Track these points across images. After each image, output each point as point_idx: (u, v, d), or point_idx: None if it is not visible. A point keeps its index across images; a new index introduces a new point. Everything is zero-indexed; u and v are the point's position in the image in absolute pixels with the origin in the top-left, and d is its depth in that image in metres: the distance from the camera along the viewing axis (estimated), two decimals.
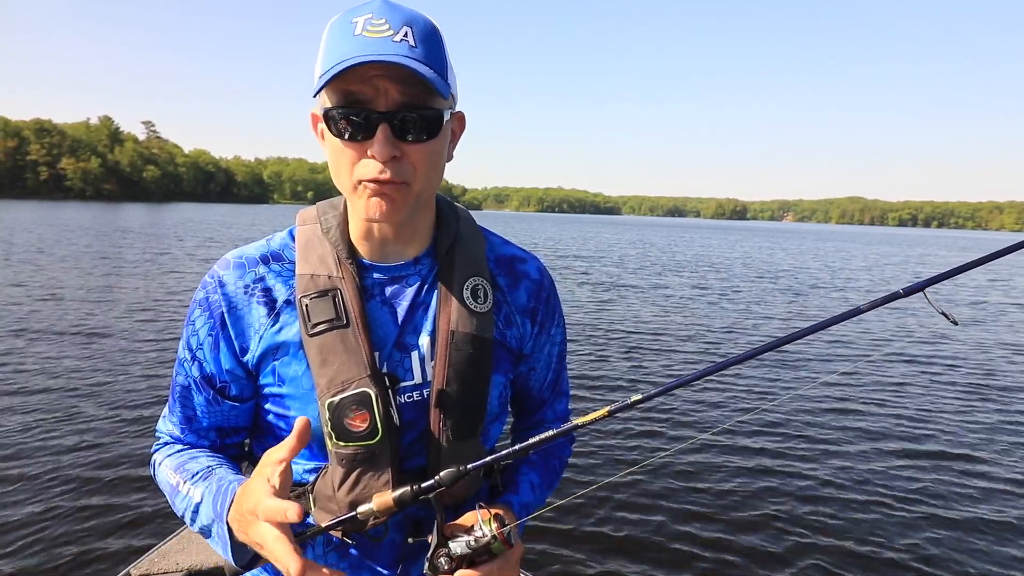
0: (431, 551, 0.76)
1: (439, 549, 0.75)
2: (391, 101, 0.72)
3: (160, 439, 0.93)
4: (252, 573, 0.92)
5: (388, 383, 0.81)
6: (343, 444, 0.79)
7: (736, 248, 36.13)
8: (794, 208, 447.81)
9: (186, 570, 2.35)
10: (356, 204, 0.78)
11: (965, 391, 6.45)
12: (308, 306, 0.81)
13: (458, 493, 0.86)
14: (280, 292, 0.84)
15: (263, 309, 0.83)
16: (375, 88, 0.72)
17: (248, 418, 0.90)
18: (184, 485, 0.81)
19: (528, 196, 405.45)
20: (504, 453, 0.79)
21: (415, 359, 0.85)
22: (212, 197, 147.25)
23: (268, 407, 0.86)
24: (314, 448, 0.84)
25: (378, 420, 0.78)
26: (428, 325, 0.86)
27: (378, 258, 0.86)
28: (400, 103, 0.73)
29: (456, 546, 0.75)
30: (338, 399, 0.78)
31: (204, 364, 0.85)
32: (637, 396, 0.81)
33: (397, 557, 0.87)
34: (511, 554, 0.77)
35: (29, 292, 9.98)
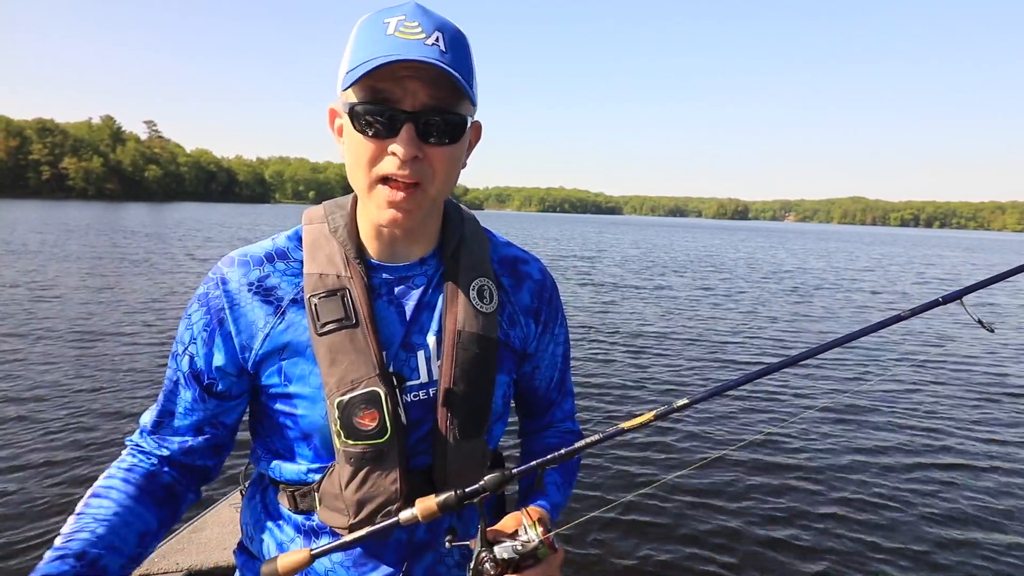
0: (475, 556, 0.74)
1: (484, 555, 0.74)
2: (418, 102, 0.73)
3: (131, 438, 0.90)
4: (256, 568, 0.92)
5: (396, 382, 0.81)
6: (352, 443, 0.79)
7: (741, 248, 36.00)
8: (796, 208, 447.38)
9: (186, 570, 2.36)
10: (369, 207, 0.78)
11: (1000, 402, 6.22)
12: (317, 305, 0.81)
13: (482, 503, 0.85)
14: (286, 291, 0.84)
15: (267, 307, 0.83)
16: (403, 88, 0.72)
17: (232, 415, 0.90)
18: (71, 518, 0.80)
19: (530, 196, 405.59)
20: (551, 457, 0.79)
21: (421, 359, 0.85)
22: (214, 197, 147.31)
23: (276, 407, 0.85)
24: (318, 448, 0.84)
25: (387, 419, 0.79)
26: (434, 325, 0.86)
27: (386, 258, 0.87)
28: (427, 105, 0.73)
29: (502, 551, 0.74)
30: (347, 398, 0.78)
31: (195, 359, 0.84)
32: (683, 401, 0.80)
33: (401, 556, 0.87)
34: (555, 559, 0.77)
35: (30, 292, 9.92)
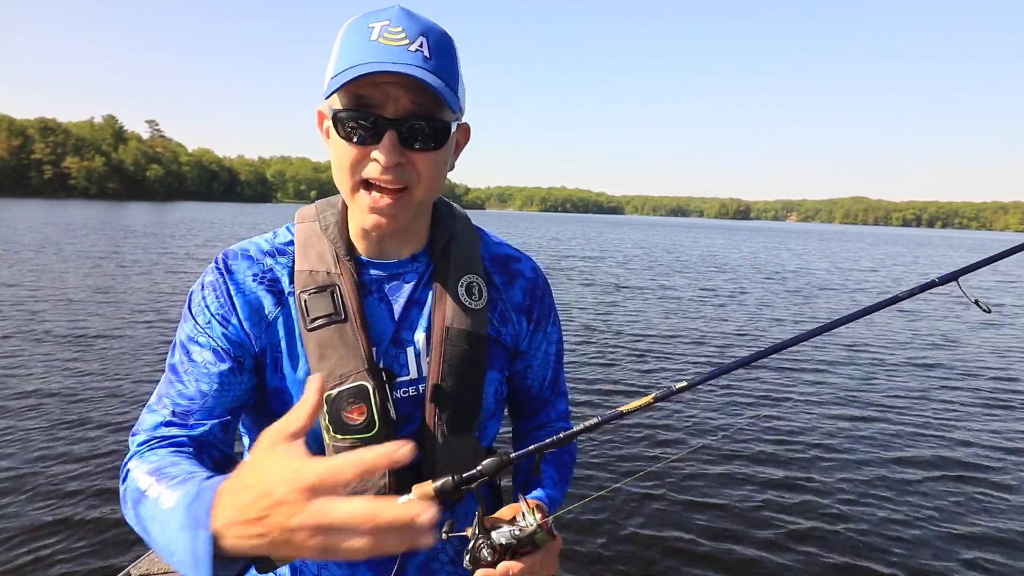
0: (472, 543, 0.74)
1: (481, 541, 0.74)
2: (401, 109, 0.73)
3: (137, 440, 0.79)
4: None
5: (385, 378, 0.82)
6: (340, 437, 0.79)
7: (744, 248, 35.96)
8: (798, 208, 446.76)
9: None
10: (355, 208, 0.79)
11: (992, 393, 6.31)
12: (307, 301, 0.82)
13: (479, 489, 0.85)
14: (286, 285, 0.85)
15: (271, 299, 0.84)
16: (386, 95, 0.73)
17: (251, 397, 0.86)
18: (155, 488, 0.66)
19: (531, 195, 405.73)
20: (548, 442, 0.79)
21: (411, 355, 0.86)
22: (216, 196, 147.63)
23: (267, 399, 0.85)
24: (308, 442, 0.81)
25: (375, 413, 0.79)
26: (424, 321, 0.87)
27: (376, 255, 0.88)
28: (409, 111, 0.74)
29: (499, 536, 0.74)
30: (336, 392, 0.78)
31: (217, 338, 0.81)
32: (682, 383, 0.81)
33: (395, 552, 0.86)
34: (553, 546, 0.77)
35: (31, 292, 9.89)
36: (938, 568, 3.24)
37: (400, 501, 0.49)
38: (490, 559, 0.73)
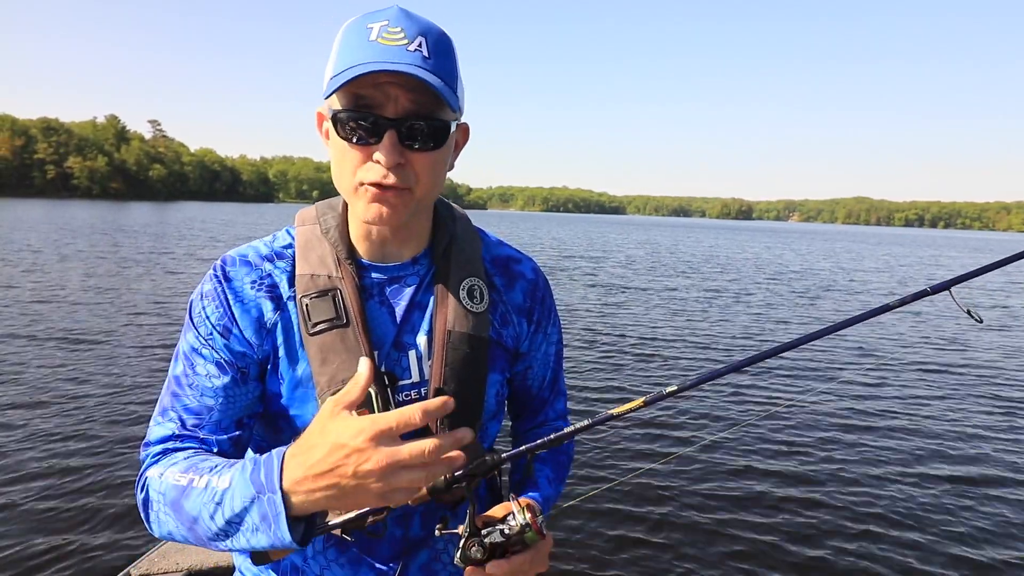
0: (463, 541, 0.75)
1: (471, 539, 0.74)
2: (400, 109, 0.74)
3: (151, 451, 0.81)
4: (257, 567, 0.89)
5: (387, 382, 0.82)
6: None
7: (747, 249, 35.84)
8: (800, 208, 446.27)
9: (186, 570, 2.38)
10: (356, 206, 0.79)
11: (986, 396, 6.27)
12: (308, 306, 0.82)
13: (456, 491, 0.85)
14: (285, 290, 0.85)
15: (270, 304, 0.84)
16: (385, 95, 0.73)
17: (261, 404, 0.87)
18: (201, 479, 0.71)
19: (533, 195, 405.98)
20: (540, 442, 0.80)
21: (412, 358, 0.86)
22: (218, 196, 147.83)
23: (269, 405, 0.86)
24: None
25: None
26: (425, 325, 0.87)
27: (377, 258, 0.88)
28: (409, 111, 0.74)
29: (490, 535, 0.75)
30: None
31: (219, 350, 0.82)
32: (672, 387, 0.82)
33: (397, 552, 0.87)
34: (543, 545, 0.78)
35: (33, 292, 9.83)
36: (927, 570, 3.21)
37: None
38: (480, 557, 0.74)
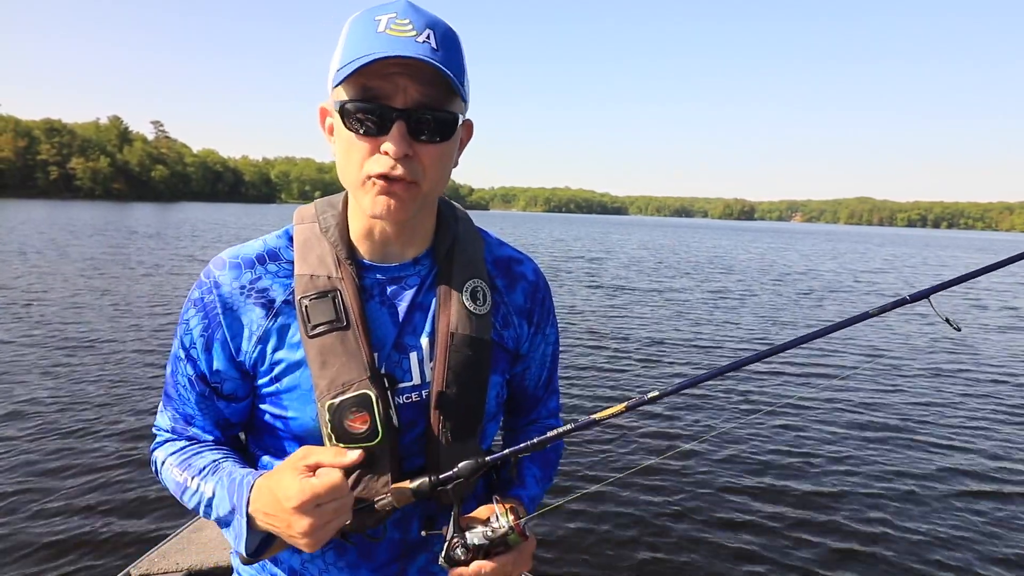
0: (447, 542, 0.75)
1: (455, 540, 0.75)
2: (409, 99, 0.73)
3: (158, 436, 0.91)
4: (255, 569, 0.94)
5: (387, 384, 0.81)
6: (343, 446, 0.78)
7: (751, 249, 35.72)
8: (802, 208, 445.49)
9: (186, 570, 2.38)
10: (362, 200, 0.77)
11: (971, 396, 6.24)
12: (308, 307, 0.80)
13: (441, 494, 0.84)
14: (277, 292, 0.83)
15: (260, 310, 0.82)
16: (394, 85, 0.72)
17: (242, 415, 0.89)
18: (193, 481, 0.82)
19: (535, 196, 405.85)
20: (523, 446, 0.80)
21: (414, 360, 0.85)
22: (220, 197, 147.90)
23: (265, 407, 0.85)
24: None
25: (378, 422, 0.78)
26: (427, 326, 0.86)
27: (378, 258, 0.86)
28: (418, 102, 0.73)
29: (473, 537, 0.75)
30: (338, 401, 0.78)
31: (197, 363, 0.84)
32: (654, 393, 0.82)
33: (395, 556, 0.87)
34: (526, 546, 0.78)
35: (33, 292, 9.80)
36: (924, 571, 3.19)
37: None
38: (464, 558, 0.74)
